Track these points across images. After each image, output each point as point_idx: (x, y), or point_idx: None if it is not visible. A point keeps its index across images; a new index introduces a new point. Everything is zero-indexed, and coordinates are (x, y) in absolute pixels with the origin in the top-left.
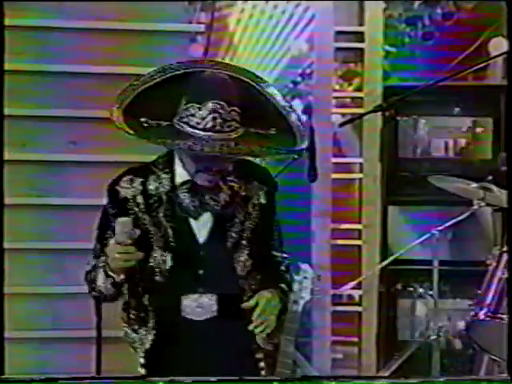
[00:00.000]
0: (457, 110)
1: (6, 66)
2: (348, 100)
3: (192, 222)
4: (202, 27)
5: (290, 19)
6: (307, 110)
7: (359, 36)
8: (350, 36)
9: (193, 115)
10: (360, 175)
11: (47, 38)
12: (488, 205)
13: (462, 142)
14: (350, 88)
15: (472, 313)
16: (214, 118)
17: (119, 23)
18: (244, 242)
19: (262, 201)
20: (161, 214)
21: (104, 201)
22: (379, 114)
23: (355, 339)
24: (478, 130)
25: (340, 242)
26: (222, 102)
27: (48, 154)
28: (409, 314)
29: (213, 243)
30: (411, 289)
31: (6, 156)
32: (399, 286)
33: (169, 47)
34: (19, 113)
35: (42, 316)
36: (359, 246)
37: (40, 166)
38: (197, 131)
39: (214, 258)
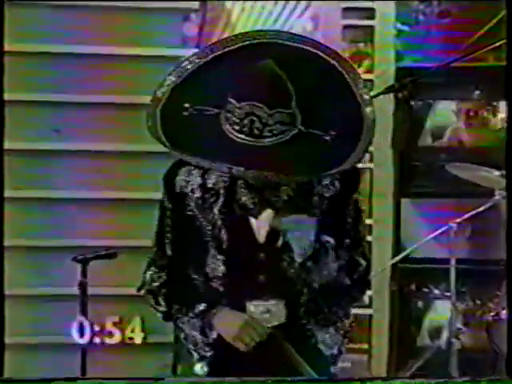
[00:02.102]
0: (477, 93)
1: None
2: None
3: (251, 220)
4: (196, 4)
5: None
6: None
7: (369, 13)
8: (359, 13)
9: (231, 112)
10: (370, 165)
11: (31, 15)
12: None
13: (483, 127)
14: (360, 70)
15: (493, 313)
16: (252, 121)
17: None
18: None
19: (332, 193)
20: (215, 211)
21: (161, 193)
22: (391, 96)
23: (365, 345)
24: (500, 115)
25: None
26: (261, 105)
27: (30, 143)
28: (424, 316)
29: (273, 243)
30: (426, 290)
31: None
32: (413, 287)
33: (160, 26)
34: None
35: (23, 320)
36: (369, 243)
37: (21, 156)
38: (234, 132)
39: (275, 259)
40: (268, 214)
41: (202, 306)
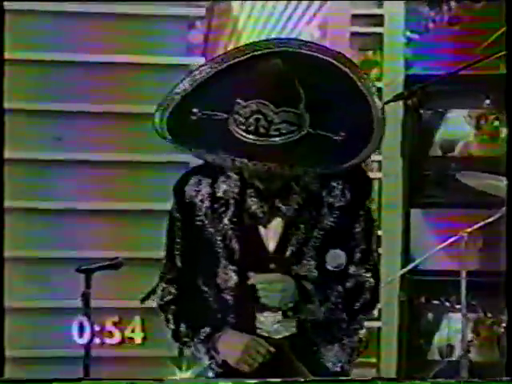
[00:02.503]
0: (487, 102)
1: None
2: None
3: (261, 229)
4: (201, 11)
5: (300, 2)
6: None
7: (378, 19)
8: (367, 20)
9: (238, 113)
10: (379, 175)
11: (31, 23)
12: None
13: (493, 135)
14: None
15: (504, 325)
16: (258, 120)
17: (109, 6)
18: (310, 252)
19: (343, 203)
20: (226, 221)
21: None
22: (400, 103)
23: (373, 359)
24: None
25: None
26: (267, 102)
27: (31, 153)
28: (434, 329)
29: (283, 253)
30: (437, 302)
31: None
32: (423, 299)
33: (165, 34)
34: None
35: (23, 333)
36: (378, 254)
37: (22, 166)
38: (240, 132)
39: (285, 269)
40: (277, 222)
41: (207, 330)
